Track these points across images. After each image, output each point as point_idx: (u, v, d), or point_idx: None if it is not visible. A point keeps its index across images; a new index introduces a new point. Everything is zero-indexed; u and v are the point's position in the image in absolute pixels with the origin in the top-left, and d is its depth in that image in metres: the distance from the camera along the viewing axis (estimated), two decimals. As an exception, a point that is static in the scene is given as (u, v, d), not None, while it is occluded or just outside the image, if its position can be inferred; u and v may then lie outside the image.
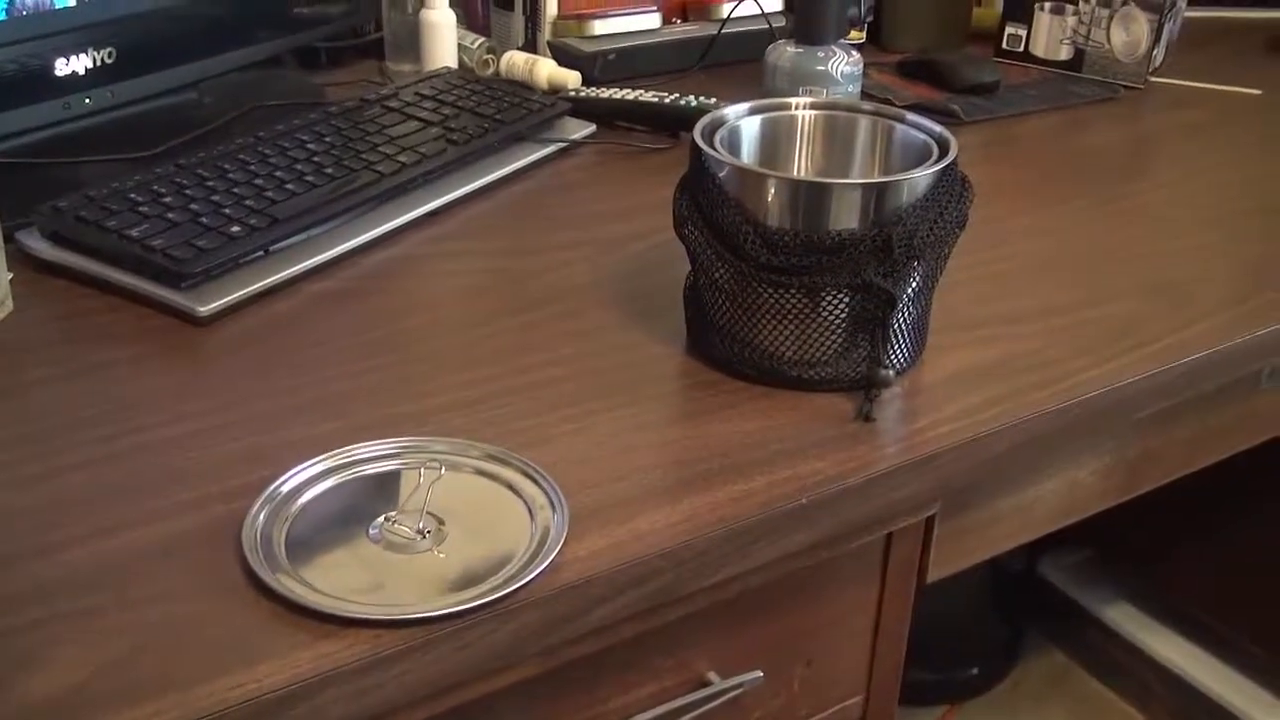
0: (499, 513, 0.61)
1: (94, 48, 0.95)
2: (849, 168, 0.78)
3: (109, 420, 0.68)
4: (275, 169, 0.90)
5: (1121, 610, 1.69)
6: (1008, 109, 1.21)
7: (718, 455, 0.67)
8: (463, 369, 0.75)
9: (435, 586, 0.56)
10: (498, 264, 0.89)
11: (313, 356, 0.76)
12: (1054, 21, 1.31)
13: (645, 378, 0.75)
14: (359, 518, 0.60)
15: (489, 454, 0.64)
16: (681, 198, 0.74)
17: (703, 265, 0.73)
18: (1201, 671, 1.59)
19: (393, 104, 1.04)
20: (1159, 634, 1.65)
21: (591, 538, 0.60)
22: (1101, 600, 1.71)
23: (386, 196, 0.91)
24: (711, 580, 0.63)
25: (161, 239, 0.80)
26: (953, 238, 0.72)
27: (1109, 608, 1.70)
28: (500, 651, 0.57)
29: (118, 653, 0.52)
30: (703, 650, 0.71)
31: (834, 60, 1.05)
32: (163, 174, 0.87)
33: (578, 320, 0.80)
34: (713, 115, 0.75)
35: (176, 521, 0.60)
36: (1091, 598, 1.71)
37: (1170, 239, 0.95)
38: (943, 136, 0.73)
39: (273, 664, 0.52)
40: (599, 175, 1.04)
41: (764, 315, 0.71)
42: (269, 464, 0.64)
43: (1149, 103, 1.27)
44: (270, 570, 0.56)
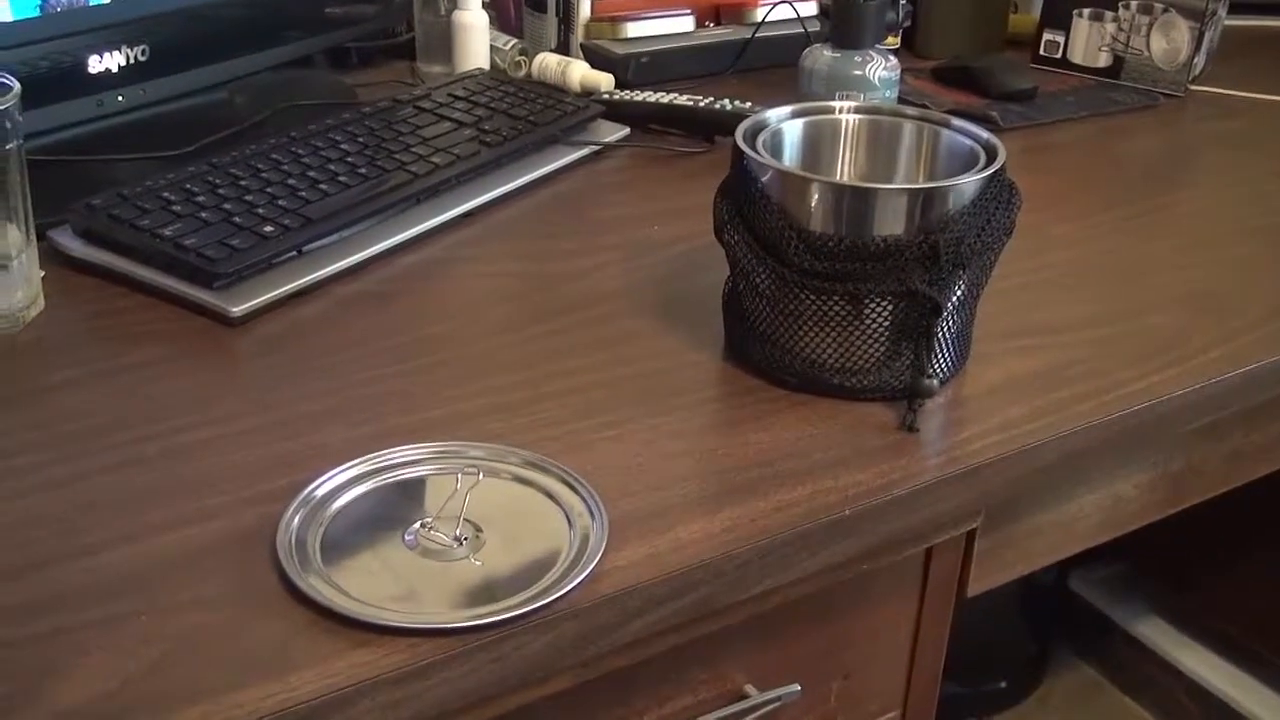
0: (537, 521, 0.60)
1: (127, 45, 0.94)
2: (893, 173, 0.77)
3: (139, 422, 0.67)
4: (308, 169, 0.89)
5: (1153, 625, 1.67)
6: (1046, 116, 1.19)
7: (757, 464, 0.66)
8: (496, 374, 0.74)
9: (472, 595, 0.55)
10: (531, 267, 0.88)
11: (345, 359, 0.75)
12: (1093, 28, 1.29)
13: (683, 384, 0.73)
14: (395, 523, 0.59)
15: (527, 460, 0.63)
16: (722, 202, 0.72)
17: (743, 270, 0.72)
18: (1234, 688, 1.57)
19: (425, 105, 1.03)
20: (1191, 650, 1.62)
21: (630, 547, 0.59)
22: (1132, 615, 1.68)
23: (420, 197, 0.90)
24: (751, 592, 0.62)
25: (194, 238, 0.79)
26: (999, 245, 0.71)
27: (1140, 622, 1.67)
28: (537, 663, 0.56)
29: (148, 660, 0.51)
30: (740, 663, 0.69)
31: (871, 65, 1.04)
32: (196, 173, 0.87)
33: (613, 325, 0.79)
34: (755, 118, 0.74)
35: (208, 526, 0.59)
36: (1122, 612, 1.69)
37: (1212, 249, 0.94)
38: (990, 143, 0.72)
39: (307, 673, 0.50)
40: (633, 179, 1.03)
41: (806, 322, 0.70)
42: (301, 468, 0.63)
43: (1189, 111, 1.25)
44: (304, 575, 0.55)
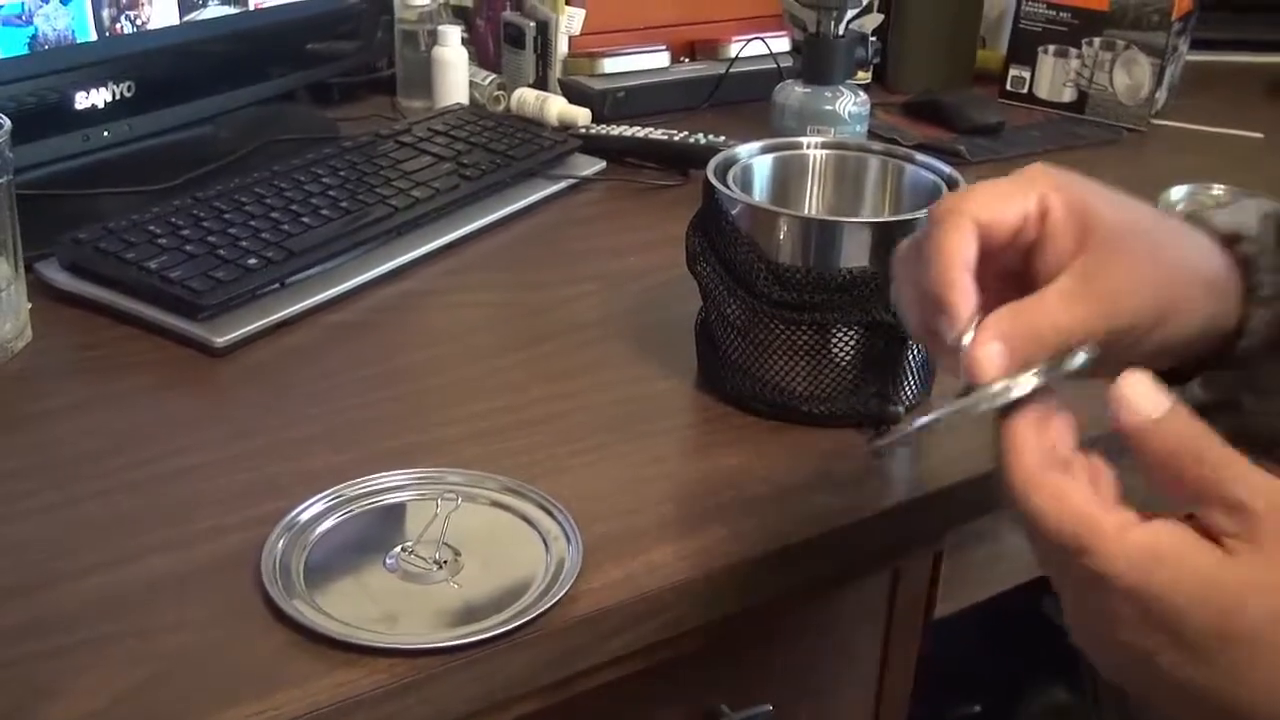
0: (514, 545, 0.62)
1: (113, 81, 0.96)
2: (859, 207, 0.79)
3: (126, 450, 0.69)
4: (291, 202, 0.91)
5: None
6: (1012, 149, 1.22)
7: (729, 489, 0.68)
8: (476, 401, 0.76)
9: (451, 617, 0.57)
10: (510, 297, 0.90)
11: (328, 387, 0.77)
12: (1058, 64, 1.32)
13: (657, 411, 0.75)
14: (376, 547, 0.61)
15: (505, 486, 0.65)
16: (694, 234, 0.75)
17: (715, 301, 0.74)
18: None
19: (406, 139, 1.05)
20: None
21: (605, 570, 0.61)
22: (1104, 639, 1.70)
23: (400, 230, 0.93)
24: (723, 613, 0.64)
25: (179, 270, 0.80)
26: (962, 276, 0.73)
27: (1111, 647, 1.69)
28: (514, 683, 0.57)
29: (136, 681, 0.53)
30: (714, 683, 0.71)
31: (841, 100, 1.07)
32: (180, 206, 0.88)
33: (589, 354, 0.81)
34: (725, 154, 0.77)
35: (194, 550, 0.61)
36: (1094, 636, 1.70)
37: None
38: (952, 177, 0.75)
39: (290, 693, 0.52)
40: (609, 211, 1.06)
41: (775, 351, 0.72)
42: (285, 494, 0.64)
43: (1152, 145, 1.29)
44: (288, 598, 0.56)
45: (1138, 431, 0.43)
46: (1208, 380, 0.56)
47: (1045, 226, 0.50)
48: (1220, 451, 0.43)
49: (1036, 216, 0.50)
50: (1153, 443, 0.43)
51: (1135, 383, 0.44)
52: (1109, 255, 0.49)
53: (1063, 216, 0.49)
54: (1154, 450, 0.43)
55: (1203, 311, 0.53)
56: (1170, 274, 0.51)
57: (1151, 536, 0.42)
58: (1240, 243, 0.54)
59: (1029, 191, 0.50)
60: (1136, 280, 0.49)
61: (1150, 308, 0.50)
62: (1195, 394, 0.56)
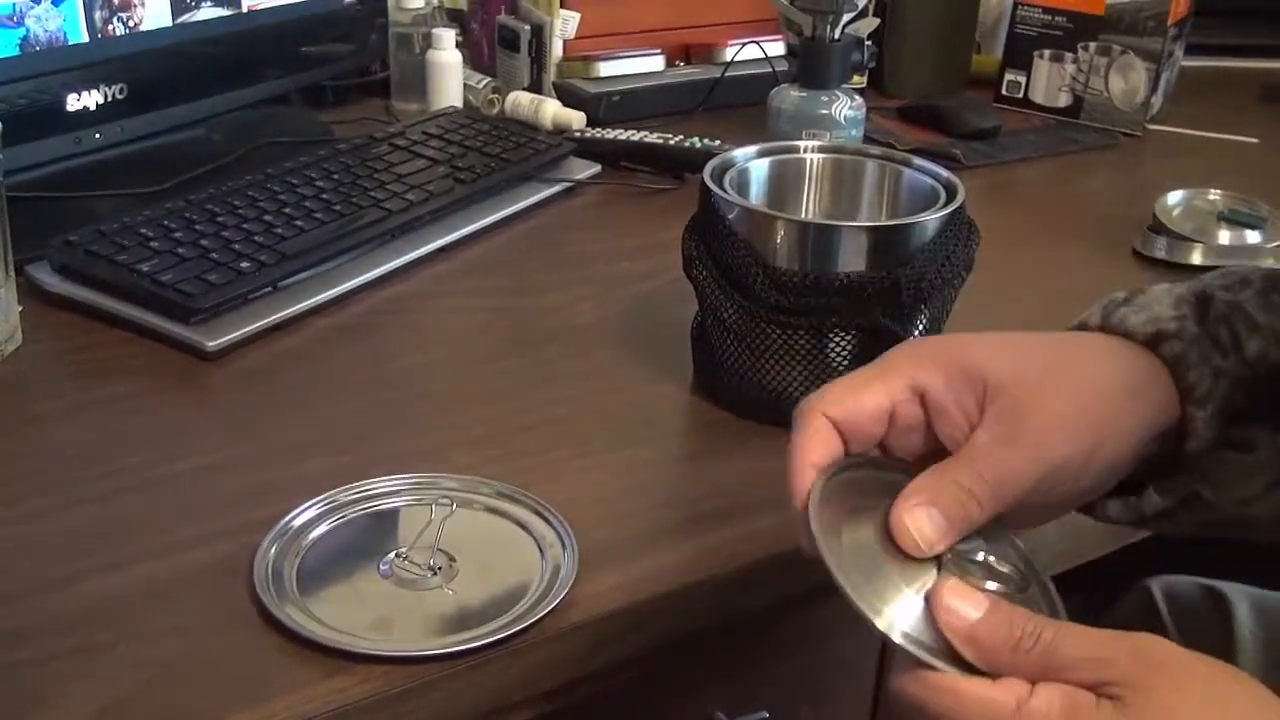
0: (510, 551, 0.61)
1: (105, 83, 0.95)
2: (856, 211, 0.79)
3: (118, 455, 0.68)
4: (284, 205, 0.90)
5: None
6: (1008, 154, 1.22)
7: (726, 494, 0.67)
8: (470, 406, 0.75)
9: (445, 624, 0.56)
10: (504, 302, 0.90)
11: (321, 392, 0.76)
12: (1053, 69, 1.32)
13: (653, 417, 0.75)
14: (370, 553, 0.60)
15: (500, 491, 0.64)
16: (691, 238, 0.74)
17: (711, 305, 0.74)
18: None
19: (400, 142, 1.05)
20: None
21: (602, 576, 0.60)
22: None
23: (394, 234, 0.92)
24: (719, 620, 0.63)
25: (171, 274, 0.80)
26: (959, 281, 0.73)
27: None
28: (508, 691, 0.57)
29: (128, 689, 0.52)
30: (710, 689, 0.71)
31: (837, 104, 1.07)
32: (173, 209, 0.88)
33: (585, 359, 0.81)
34: (722, 157, 0.76)
35: (186, 557, 0.60)
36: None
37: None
38: (950, 181, 0.74)
39: (283, 700, 0.51)
40: (604, 215, 1.05)
41: (771, 355, 0.72)
42: (278, 499, 0.63)
43: (1147, 150, 1.28)
44: (281, 605, 0.56)
45: (968, 632, 0.44)
46: (1161, 487, 0.55)
47: (929, 404, 0.50)
48: (1056, 624, 0.44)
49: (909, 399, 0.50)
50: (987, 638, 0.44)
51: (952, 590, 0.45)
52: (1022, 399, 0.49)
53: (945, 387, 0.50)
54: (992, 644, 0.44)
55: (1136, 421, 0.52)
56: (1091, 399, 0.51)
57: (1045, 704, 0.43)
58: (1163, 343, 0.54)
59: (892, 378, 0.50)
60: (1059, 414, 0.50)
61: (1081, 437, 0.50)
62: (1154, 501, 0.55)
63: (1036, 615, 0.46)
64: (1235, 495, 0.55)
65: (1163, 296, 0.56)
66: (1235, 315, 0.55)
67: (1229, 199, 1.05)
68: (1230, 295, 0.56)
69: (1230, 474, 0.55)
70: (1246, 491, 0.55)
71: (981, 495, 0.48)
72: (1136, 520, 0.57)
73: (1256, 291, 0.56)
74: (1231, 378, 0.54)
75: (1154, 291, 0.57)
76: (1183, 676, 0.42)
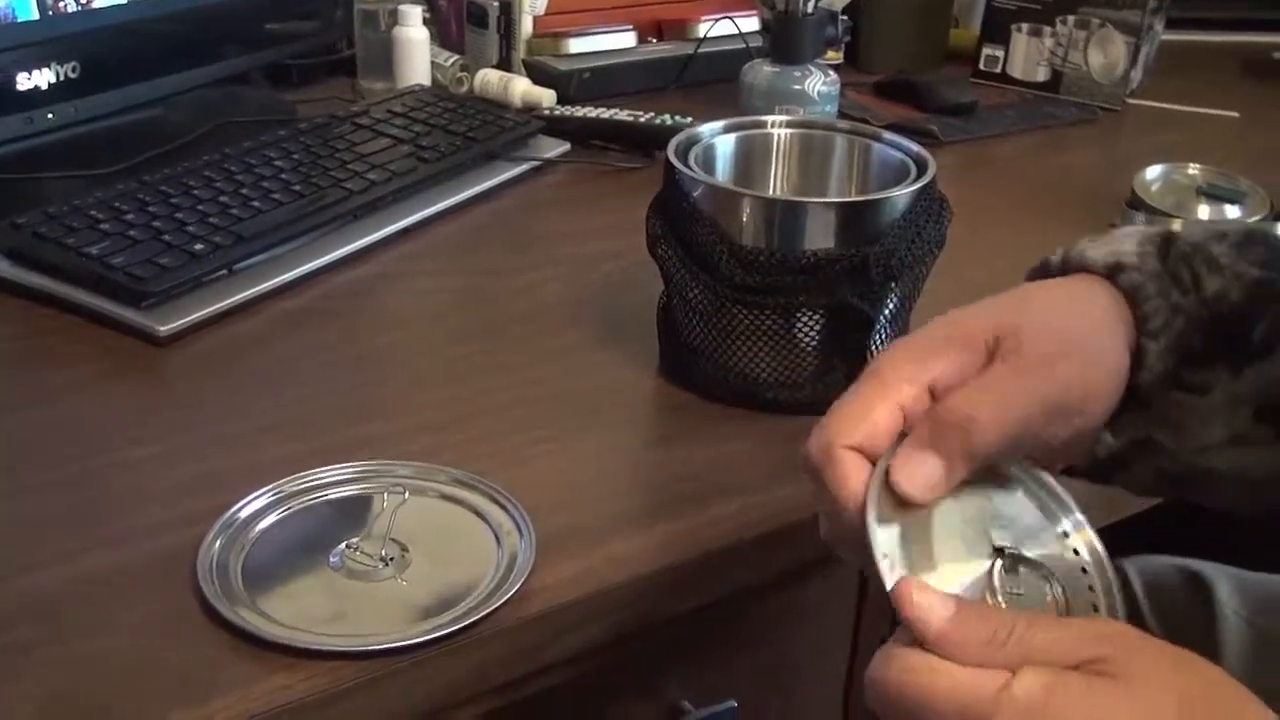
0: (465, 539, 0.59)
1: (57, 62, 0.93)
2: (825, 187, 0.77)
3: (64, 444, 0.66)
4: (241, 186, 0.88)
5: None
6: (985, 130, 1.20)
7: (692, 479, 0.66)
8: (431, 390, 0.73)
9: (398, 616, 0.54)
10: (468, 283, 0.88)
11: (277, 377, 0.74)
12: (1031, 43, 1.30)
13: (618, 400, 0.73)
14: (320, 545, 0.58)
15: (455, 478, 0.62)
16: (655, 217, 0.72)
17: (676, 285, 0.72)
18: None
19: (363, 121, 1.02)
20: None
21: (561, 565, 0.58)
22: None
23: (355, 214, 0.90)
24: (685, 607, 0.62)
25: (122, 257, 0.78)
26: (931, 258, 0.71)
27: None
28: (464, 684, 0.55)
29: (61, 689, 0.50)
30: (677, 679, 0.69)
31: (810, 80, 1.05)
32: (125, 190, 0.86)
33: (549, 341, 0.79)
34: (687, 133, 0.74)
35: (130, 549, 0.58)
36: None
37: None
38: (921, 156, 0.72)
39: (225, 699, 0.50)
40: (573, 194, 1.03)
41: (738, 336, 0.70)
42: (229, 489, 0.61)
43: (1127, 125, 1.27)
44: (225, 600, 0.54)
45: (938, 632, 0.43)
46: (1115, 426, 0.54)
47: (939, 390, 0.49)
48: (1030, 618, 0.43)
49: (920, 398, 0.49)
50: (957, 636, 0.43)
51: (919, 591, 0.43)
52: (1022, 336, 0.49)
53: (947, 367, 0.49)
54: (963, 641, 0.43)
55: (1118, 347, 0.51)
56: (1075, 327, 0.51)
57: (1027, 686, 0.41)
58: (1121, 274, 0.53)
59: (893, 389, 0.49)
60: (1055, 343, 0.49)
61: (1080, 359, 0.49)
62: (1107, 443, 0.54)
63: (1007, 611, 0.44)
64: (1193, 443, 0.54)
65: (1129, 236, 0.55)
66: (1197, 255, 0.53)
67: (1208, 173, 1.04)
68: (1197, 239, 0.55)
69: (1186, 417, 0.53)
70: (1204, 439, 0.54)
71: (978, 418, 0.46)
72: (1092, 467, 0.55)
73: (1232, 244, 0.55)
74: (1188, 315, 0.52)
75: (1121, 231, 0.56)
76: (1164, 658, 0.41)
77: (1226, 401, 0.53)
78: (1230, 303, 0.53)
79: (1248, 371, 0.53)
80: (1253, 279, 0.53)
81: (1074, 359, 0.49)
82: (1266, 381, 0.53)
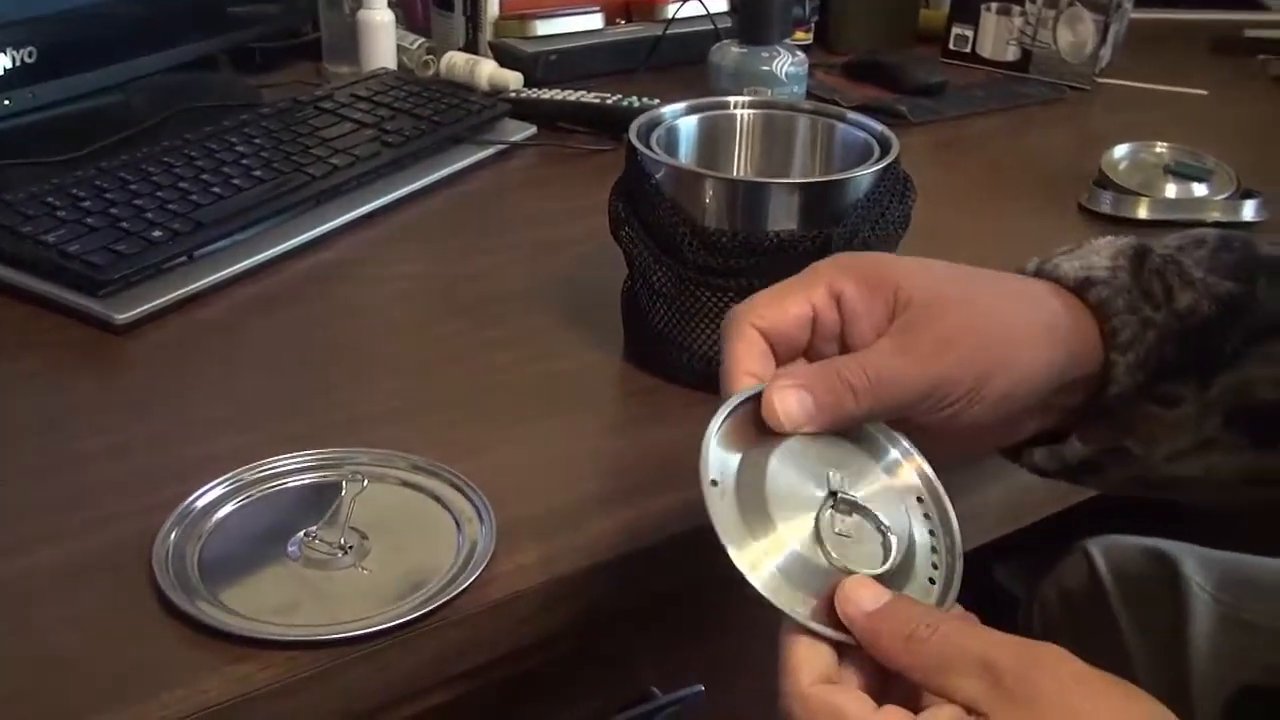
0: (425, 526, 0.59)
1: (13, 47, 0.91)
2: (789, 167, 0.76)
3: (19, 434, 0.65)
4: (202, 172, 0.87)
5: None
6: (955, 110, 1.20)
7: (656, 463, 0.65)
8: (394, 376, 0.72)
9: (357, 604, 0.54)
10: (432, 268, 0.87)
11: (236, 365, 0.73)
12: (1000, 22, 1.30)
13: (582, 385, 0.72)
14: (278, 534, 0.57)
15: (415, 465, 0.62)
16: (617, 199, 0.72)
17: (640, 269, 0.71)
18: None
19: (326, 105, 1.01)
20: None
21: (523, 551, 0.58)
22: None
23: (318, 200, 0.89)
24: (650, 593, 0.61)
25: (78, 244, 0.77)
26: (895, 239, 0.71)
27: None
28: (424, 672, 0.55)
29: (13, 682, 0.49)
30: (644, 664, 0.69)
31: (779, 60, 1.04)
32: (83, 177, 0.84)
33: (514, 326, 0.78)
34: (649, 115, 0.73)
35: (86, 540, 0.57)
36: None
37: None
38: (884, 135, 0.72)
39: (179, 691, 0.49)
40: (539, 177, 1.02)
41: (702, 319, 0.69)
42: (187, 478, 0.60)
43: (1097, 103, 1.26)
44: (181, 591, 0.53)
45: (866, 620, 0.43)
46: (1084, 434, 0.55)
47: (844, 310, 0.51)
48: (954, 620, 0.43)
49: (829, 304, 0.51)
50: (882, 626, 0.43)
51: (856, 582, 0.44)
52: (924, 315, 0.50)
53: (859, 295, 0.51)
54: (887, 634, 0.43)
55: (1042, 362, 0.52)
56: (992, 325, 0.51)
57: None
58: (1091, 288, 0.53)
59: (812, 284, 0.51)
60: (954, 333, 0.50)
61: (973, 358, 0.50)
62: (1077, 449, 0.55)
63: (937, 610, 0.45)
64: (1162, 451, 0.54)
65: (1103, 249, 0.56)
66: (1169, 268, 0.54)
67: (1175, 152, 1.04)
68: (1170, 251, 0.55)
69: (1155, 428, 0.54)
70: (1174, 448, 0.54)
71: (859, 388, 0.48)
72: (1063, 470, 0.56)
73: (1210, 251, 0.55)
74: (1160, 329, 0.52)
75: (1097, 243, 0.56)
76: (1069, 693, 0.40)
77: (1197, 411, 0.53)
78: (1202, 316, 0.53)
79: (1218, 381, 0.53)
80: (1225, 291, 0.53)
81: (968, 353, 0.50)
82: (1236, 389, 0.53)
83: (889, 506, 0.48)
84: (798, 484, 0.47)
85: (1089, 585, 0.88)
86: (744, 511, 0.46)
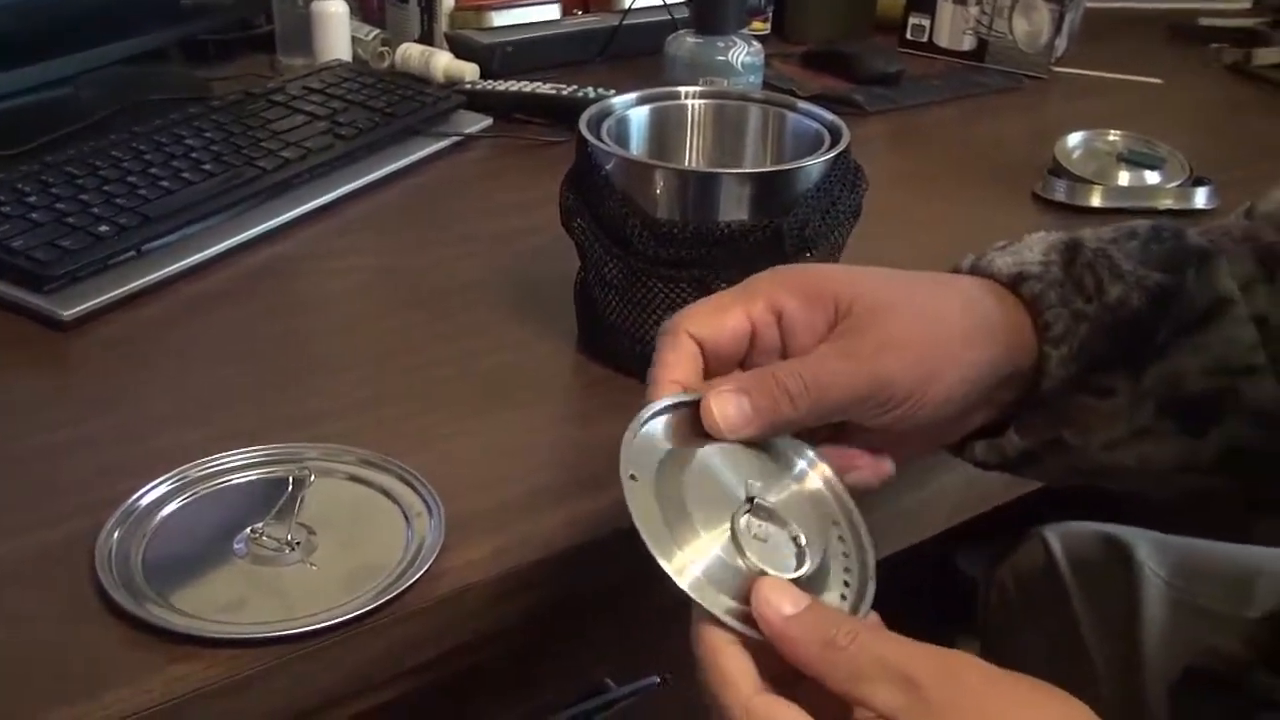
0: (373, 521, 0.58)
1: (-43, 39, 0.90)
2: (741, 158, 0.76)
3: (-40, 433, 0.64)
4: (150, 165, 0.86)
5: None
6: (911, 99, 1.20)
7: (608, 455, 0.64)
8: (345, 371, 0.72)
9: (303, 601, 0.53)
10: (385, 261, 0.86)
11: (185, 361, 0.72)
12: (957, 11, 1.30)
13: (534, 377, 0.72)
14: (225, 531, 0.57)
15: (363, 459, 0.61)
16: (568, 191, 0.71)
17: (592, 260, 0.71)
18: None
19: (279, 98, 1.00)
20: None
21: (473, 545, 0.57)
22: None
23: (269, 193, 0.88)
24: (602, 585, 0.61)
25: (22, 240, 0.75)
26: (847, 228, 0.71)
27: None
28: (374, 668, 0.54)
29: (-48, 683, 0.49)
30: (597, 657, 0.68)
31: (734, 50, 1.04)
32: (27, 172, 0.83)
33: (466, 319, 0.78)
34: (600, 105, 0.73)
35: (28, 539, 0.56)
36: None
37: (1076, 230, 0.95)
38: (835, 125, 0.72)
39: (120, 691, 0.48)
40: (494, 169, 1.02)
41: (654, 310, 0.69)
42: (133, 476, 0.60)
43: (1053, 93, 1.27)
44: (124, 590, 0.52)
45: (783, 624, 0.43)
46: (1022, 427, 0.55)
47: (784, 325, 0.51)
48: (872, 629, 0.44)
49: (768, 320, 0.51)
50: (800, 632, 0.43)
51: (773, 585, 0.44)
52: (864, 320, 0.50)
53: (799, 309, 0.51)
54: (805, 640, 0.43)
55: (982, 360, 0.52)
56: (932, 329, 0.51)
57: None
58: (1024, 283, 0.54)
59: (751, 299, 0.51)
60: (894, 336, 0.50)
61: (915, 362, 0.50)
62: (1015, 443, 0.56)
63: (855, 618, 0.45)
64: (1098, 441, 0.55)
65: (1036, 244, 0.56)
66: (1100, 261, 0.54)
67: (1128, 140, 1.04)
68: (1101, 244, 0.55)
69: (1090, 419, 0.54)
70: (1109, 437, 0.54)
71: (795, 393, 0.48)
72: (1004, 463, 0.56)
73: (1141, 243, 0.56)
74: (1092, 322, 0.53)
75: (1030, 239, 0.57)
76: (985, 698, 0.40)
77: (1130, 402, 0.54)
78: (1132, 308, 0.53)
79: (1150, 371, 0.54)
80: (1154, 283, 0.54)
81: (910, 356, 0.50)
82: (1167, 380, 0.54)
83: (802, 516, 0.48)
84: (717, 488, 0.47)
85: (1045, 570, 0.88)
86: (664, 509, 0.46)
